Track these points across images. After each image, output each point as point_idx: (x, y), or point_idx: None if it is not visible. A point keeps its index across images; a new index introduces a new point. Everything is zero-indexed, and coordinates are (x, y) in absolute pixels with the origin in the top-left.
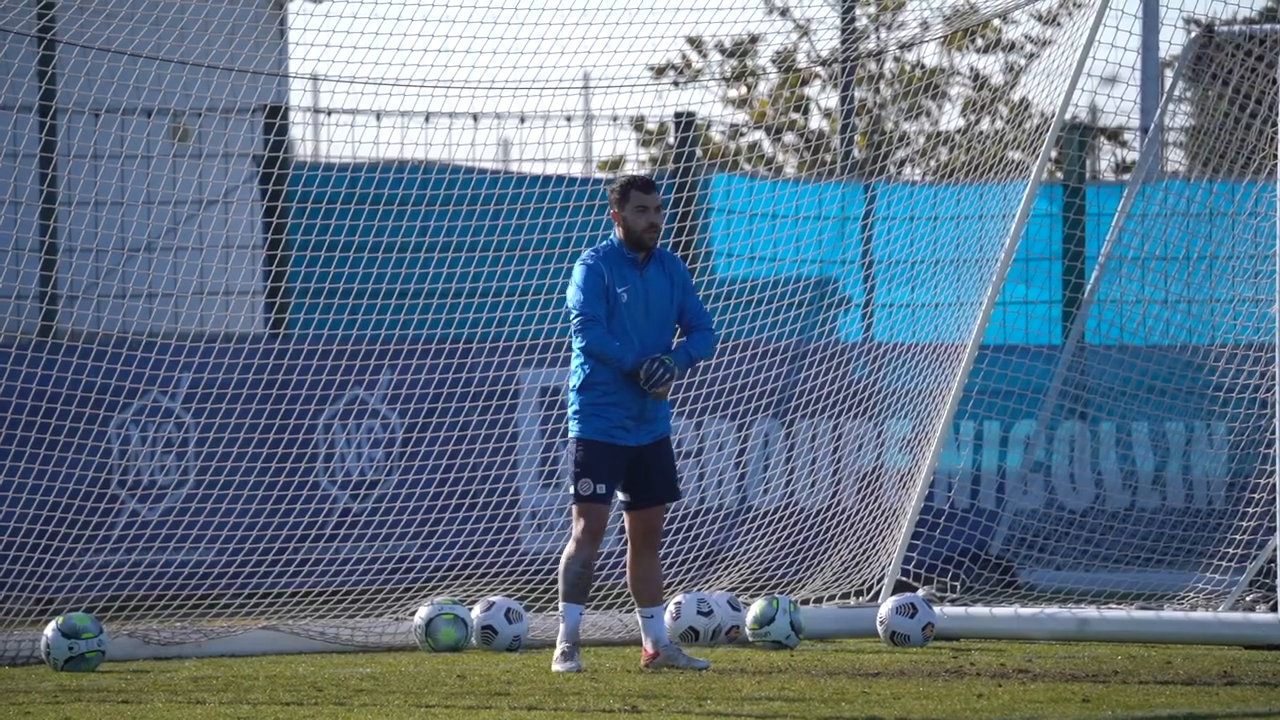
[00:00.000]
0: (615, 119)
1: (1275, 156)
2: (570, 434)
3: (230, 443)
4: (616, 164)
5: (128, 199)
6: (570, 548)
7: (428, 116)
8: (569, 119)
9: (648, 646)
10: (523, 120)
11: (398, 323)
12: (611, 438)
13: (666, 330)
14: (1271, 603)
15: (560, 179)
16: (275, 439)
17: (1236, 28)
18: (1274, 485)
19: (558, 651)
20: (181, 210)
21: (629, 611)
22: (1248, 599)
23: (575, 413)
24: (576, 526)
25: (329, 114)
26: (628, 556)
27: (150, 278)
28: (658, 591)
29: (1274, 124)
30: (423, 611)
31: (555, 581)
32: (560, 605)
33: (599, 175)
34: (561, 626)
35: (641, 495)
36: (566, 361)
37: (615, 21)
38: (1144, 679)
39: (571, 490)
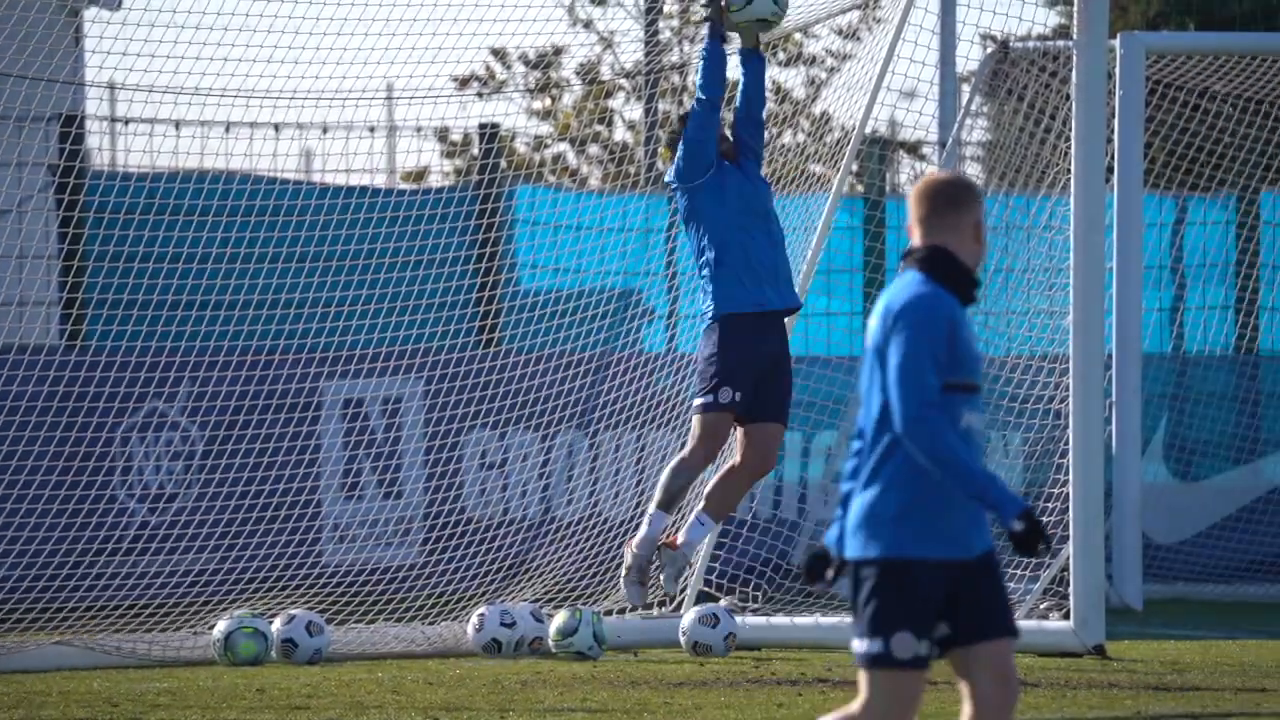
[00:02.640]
0: (419, 130)
1: (1069, 171)
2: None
3: (25, 455)
4: (421, 175)
5: None
6: (687, 456)
7: (228, 126)
8: (372, 129)
9: (677, 536)
10: (325, 130)
11: (198, 334)
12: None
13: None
14: (1064, 610)
15: (364, 190)
16: (71, 452)
17: (1031, 44)
18: (1068, 495)
19: (626, 572)
20: None
21: (431, 624)
22: (1042, 607)
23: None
24: (698, 436)
25: (126, 123)
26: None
27: None
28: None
29: (1068, 139)
30: (222, 625)
31: (357, 594)
32: (650, 510)
33: (403, 186)
34: (642, 532)
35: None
36: (370, 374)
37: (419, 32)
38: (941, 685)
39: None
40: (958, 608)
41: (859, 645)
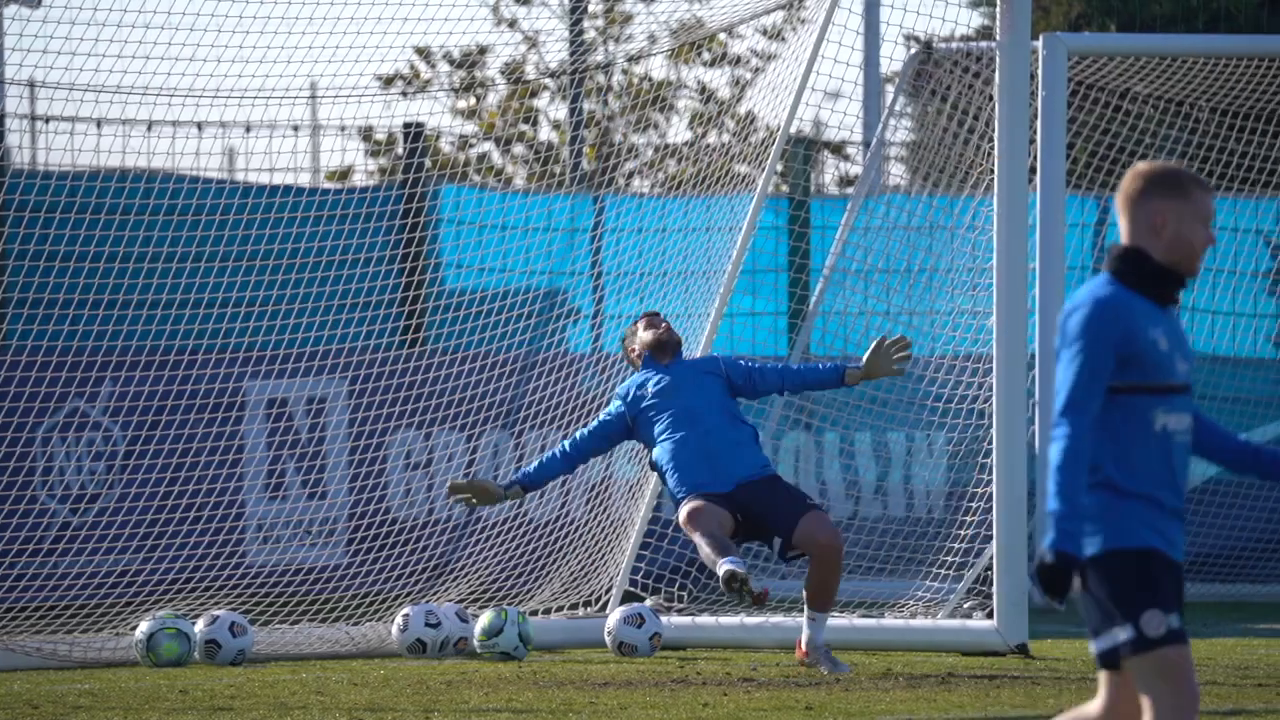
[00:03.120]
0: (343, 129)
1: (992, 172)
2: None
3: None
4: (345, 174)
5: None
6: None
7: (150, 125)
8: (296, 128)
9: (801, 643)
10: (249, 129)
11: (120, 334)
12: None
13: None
14: (988, 609)
15: (288, 189)
16: None
17: (954, 45)
18: (991, 494)
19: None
20: None
21: (355, 625)
22: (965, 606)
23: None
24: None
25: (47, 121)
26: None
27: None
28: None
29: (990, 139)
30: (144, 626)
31: (281, 595)
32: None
33: (327, 186)
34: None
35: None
36: (294, 374)
37: (343, 31)
38: (865, 686)
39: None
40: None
41: (1105, 643)
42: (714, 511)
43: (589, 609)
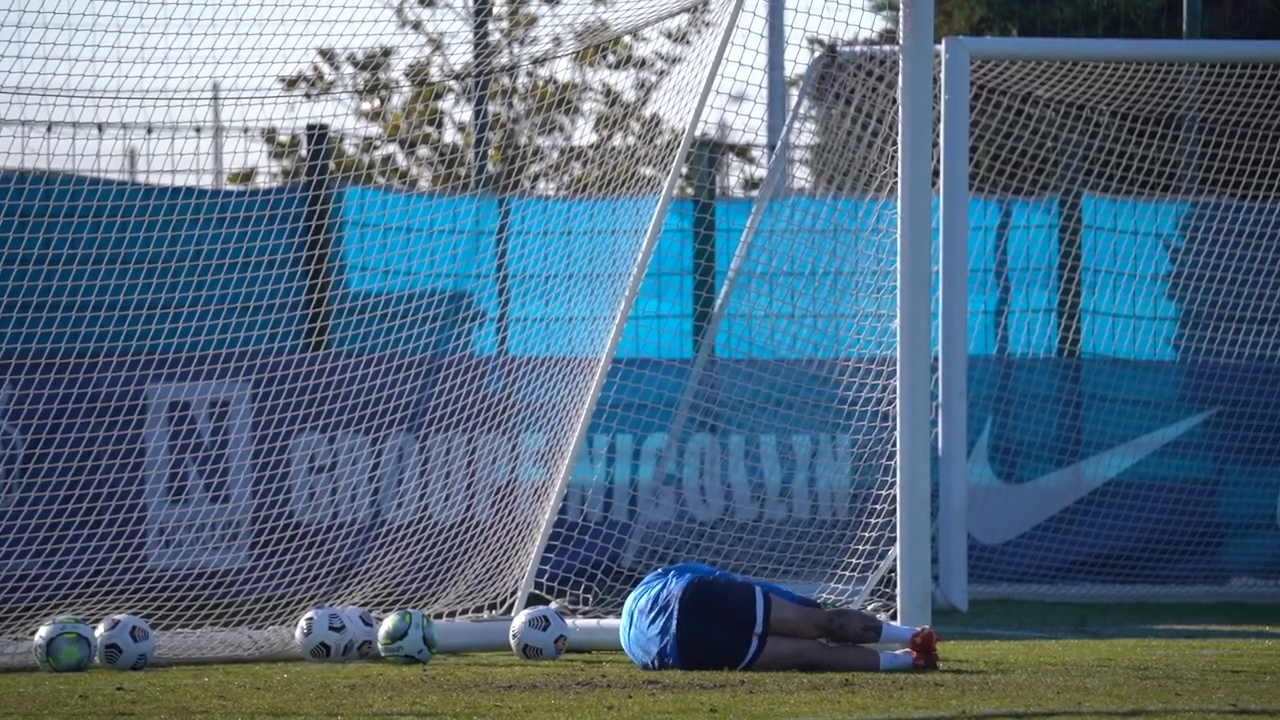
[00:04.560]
0: (246, 130)
1: (896, 175)
2: None
3: None
4: (248, 176)
5: None
6: None
7: (50, 126)
8: (198, 130)
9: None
10: (150, 131)
11: (19, 336)
12: None
13: None
14: (891, 611)
15: (190, 191)
16: None
17: (858, 49)
18: (895, 496)
19: None
20: None
21: (258, 628)
22: (869, 608)
23: None
24: None
25: None
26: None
27: None
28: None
29: (894, 143)
30: (43, 630)
31: (183, 599)
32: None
33: (229, 187)
34: None
35: None
36: (196, 376)
37: (245, 32)
38: (769, 688)
39: None
40: None
41: None
42: None
43: (494, 612)
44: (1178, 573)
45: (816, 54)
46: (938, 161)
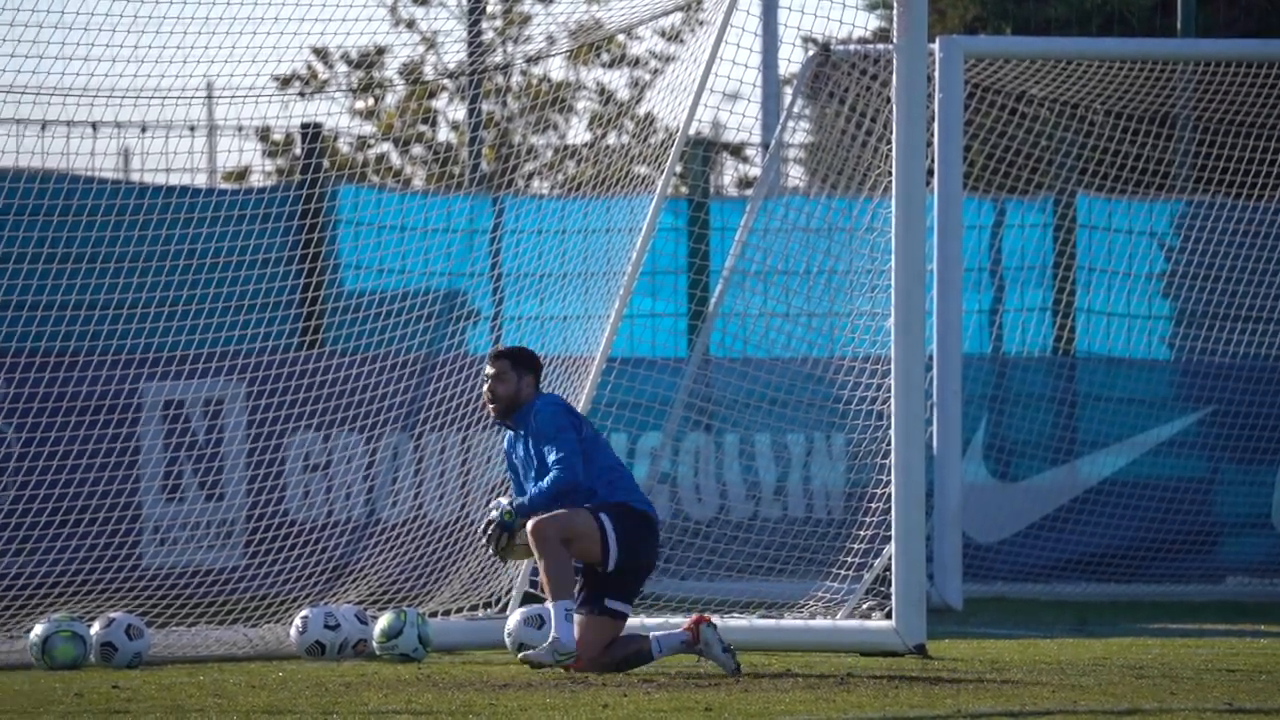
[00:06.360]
0: (240, 129)
1: (890, 174)
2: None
3: None
4: (242, 175)
5: None
6: None
7: (44, 125)
8: (192, 129)
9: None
10: (144, 129)
11: (14, 335)
12: None
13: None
14: (886, 610)
15: (184, 189)
16: None
17: (852, 47)
18: (890, 495)
19: None
20: None
21: (253, 627)
22: (864, 607)
23: None
24: None
25: None
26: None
27: None
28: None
29: (888, 141)
30: (39, 628)
31: (178, 597)
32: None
33: (224, 186)
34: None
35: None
36: (191, 375)
37: (239, 31)
38: (765, 687)
39: None
40: None
41: None
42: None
43: (489, 610)
44: (1173, 571)
45: (811, 53)
46: (932, 160)
